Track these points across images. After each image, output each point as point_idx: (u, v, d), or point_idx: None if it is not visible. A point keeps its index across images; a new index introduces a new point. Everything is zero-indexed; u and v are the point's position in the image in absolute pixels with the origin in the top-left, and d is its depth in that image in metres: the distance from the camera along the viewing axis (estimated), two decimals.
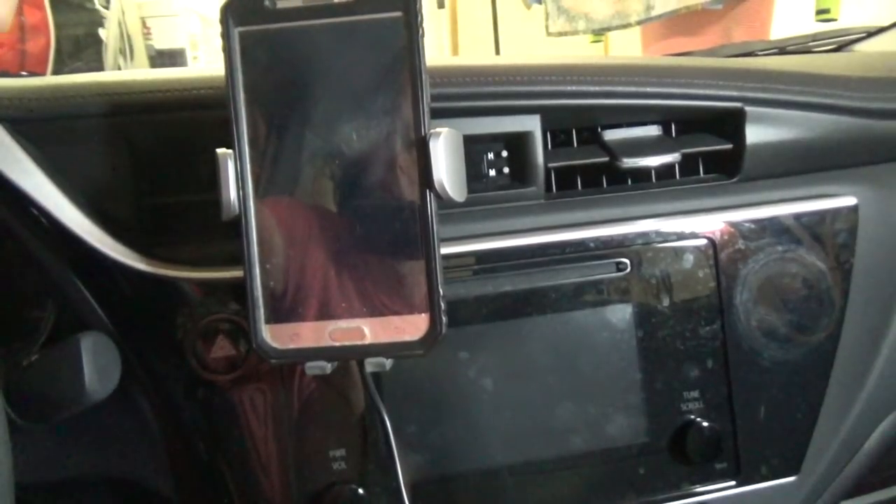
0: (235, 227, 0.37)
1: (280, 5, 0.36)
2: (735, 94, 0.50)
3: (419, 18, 0.35)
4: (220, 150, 0.36)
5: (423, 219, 0.36)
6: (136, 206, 0.44)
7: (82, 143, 0.42)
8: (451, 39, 2.95)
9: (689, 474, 0.48)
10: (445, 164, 0.35)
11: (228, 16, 0.36)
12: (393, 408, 0.43)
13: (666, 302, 0.47)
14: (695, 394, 0.48)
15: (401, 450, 0.43)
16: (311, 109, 0.36)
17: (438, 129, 0.35)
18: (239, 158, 0.36)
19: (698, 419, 0.47)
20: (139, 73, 0.47)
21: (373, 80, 0.36)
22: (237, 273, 0.38)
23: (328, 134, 0.36)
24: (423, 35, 0.35)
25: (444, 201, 0.36)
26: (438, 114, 0.37)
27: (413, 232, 0.36)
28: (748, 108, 0.50)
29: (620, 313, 0.47)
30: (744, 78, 0.51)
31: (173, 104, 0.43)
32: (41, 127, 0.42)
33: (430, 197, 0.35)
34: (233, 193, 0.36)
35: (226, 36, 0.36)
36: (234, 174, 0.36)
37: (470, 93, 0.46)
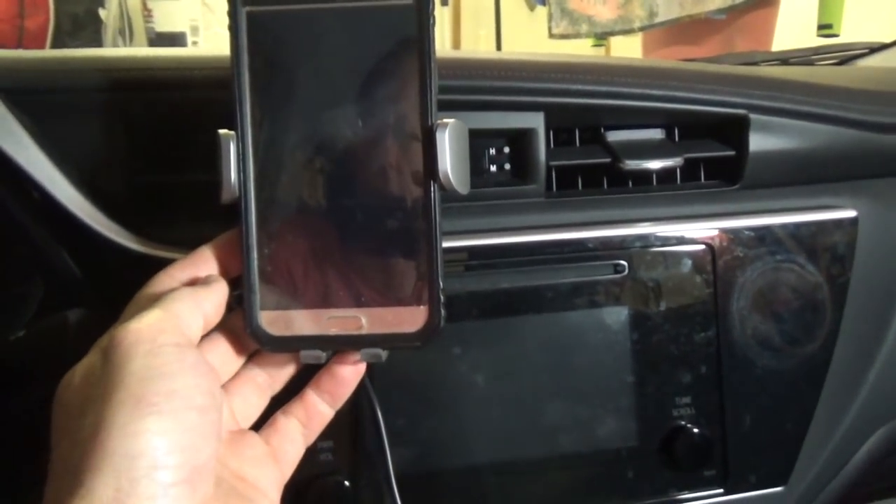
0: (231, 210, 0.36)
1: None
2: (740, 100, 0.49)
3: (431, 6, 0.34)
4: (222, 131, 0.36)
5: (427, 210, 0.35)
6: (130, 185, 0.43)
7: (78, 117, 0.42)
8: (452, 37, 2.95)
9: (677, 480, 0.48)
10: (451, 156, 0.35)
11: None
12: (383, 400, 0.43)
13: (662, 306, 0.47)
14: (686, 399, 0.47)
15: (389, 443, 0.43)
16: (316, 94, 0.36)
17: (446, 120, 0.35)
18: (241, 140, 0.36)
19: (689, 425, 0.47)
20: (139, 50, 0.46)
21: (381, 67, 0.35)
22: None
23: (333, 120, 0.35)
24: (433, 24, 0.35)
25: (447, 193, 0.35)
26: (443, 106, 0.36)
27: (415, 223, 0.35)
28: (752, 116, 0.49)
29: (616, 315, 0.47)
30: (749, 85, 0.50)
31: (172, 83, 0.43)
32: (37, 99, 0.41)
33: (434, 188, 0.35)
34: (233, 176, 0.35)
35: (232, 15, 0.35)
36: (235, 156, 0.35)
37: (475, 86, 0.45)
